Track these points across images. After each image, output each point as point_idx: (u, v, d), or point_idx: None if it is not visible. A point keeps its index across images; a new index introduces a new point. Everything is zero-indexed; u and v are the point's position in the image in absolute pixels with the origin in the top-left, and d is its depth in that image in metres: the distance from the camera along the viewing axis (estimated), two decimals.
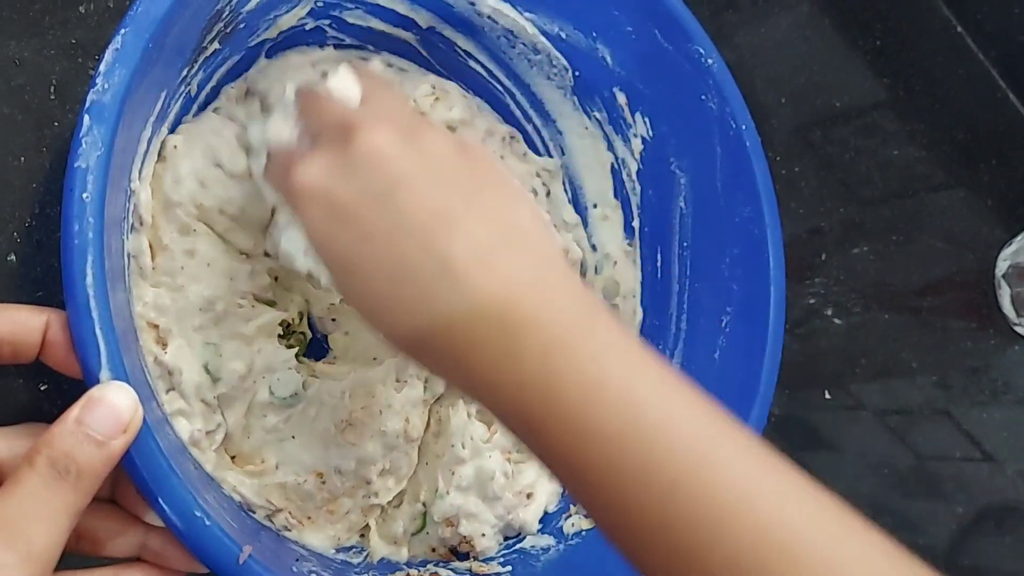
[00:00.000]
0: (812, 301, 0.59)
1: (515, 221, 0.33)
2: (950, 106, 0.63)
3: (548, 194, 0.51)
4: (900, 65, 0.63)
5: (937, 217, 0.63)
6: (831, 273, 0.60)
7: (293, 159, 0.34)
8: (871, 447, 0.61)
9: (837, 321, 0.60)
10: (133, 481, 0.32)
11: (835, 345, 0.60)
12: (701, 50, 0.45)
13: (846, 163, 0.61)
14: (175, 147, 0.40)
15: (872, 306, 0.61)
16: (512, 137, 0.50)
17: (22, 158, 0.40)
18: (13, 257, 0.39)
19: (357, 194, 0.32)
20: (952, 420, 0.62)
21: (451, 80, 0.49)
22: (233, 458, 0.41)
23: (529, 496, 0.46)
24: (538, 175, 0.51)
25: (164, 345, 0.38)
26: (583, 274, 0.52)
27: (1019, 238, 0.62)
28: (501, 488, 0.45)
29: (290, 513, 0.41)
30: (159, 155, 0.40)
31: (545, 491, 0.47)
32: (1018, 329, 0.62)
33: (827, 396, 0.59)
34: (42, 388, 0.39)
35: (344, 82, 0.36)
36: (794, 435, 0.58)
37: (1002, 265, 0.62)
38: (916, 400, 0.62)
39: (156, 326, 0.38)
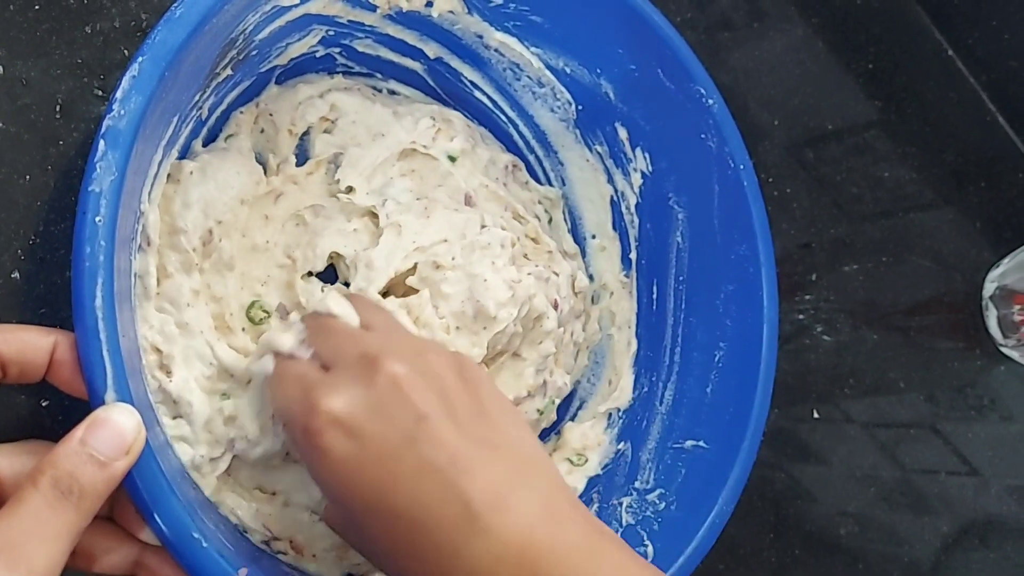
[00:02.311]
0: (802, 318, 0.60)
1: (522, 451, 0.34)
2: (940, 128, 0.64)
3: (550, 221, 0.51)
4: (892, 88, 0.63)
5: (926, 238, 0.63)
6: (821, 291, 0.60)
7: (313, 383, 0.35)
8: (859, 462, 0.61)
9: (826, 338, 0.60)
10: (132, 500, 0.33)
11: (824, 362, 0.60)
12: (702, 90, 0.46)
13: (837, 183, 0.62)
14: (191, 173, 0.41)
15: (861, 325, 0.61)
16: (515, 166, 0.50)
17: (27, 176, 0.40)
18: (17, 274, 0.39)
19: (384, 430, 0.33)
20: (939, 436, 0.63)
21: (456, 109, 0.50)
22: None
23: None
24: (540, 203, 0.51)
25: (168, 372, 0.39)
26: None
27: (1006, 260, 0.63)
28: None
29: (291, 542, 0.41)
30: (172, 177, 0.41)
31: None
32: (1004, 350, 0.63)
33: (815, 415, 0.60)
34: (43, 404, 0.39)
35: (344, 308, 0.38)
36: (784, 449, 0.59)
37: (989, 287, 0.63)
38: (904, 417, 0.62)
39: (159, 351, 0.39)
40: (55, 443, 0.32)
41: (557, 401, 0.49)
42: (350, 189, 0.45)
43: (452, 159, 0.47)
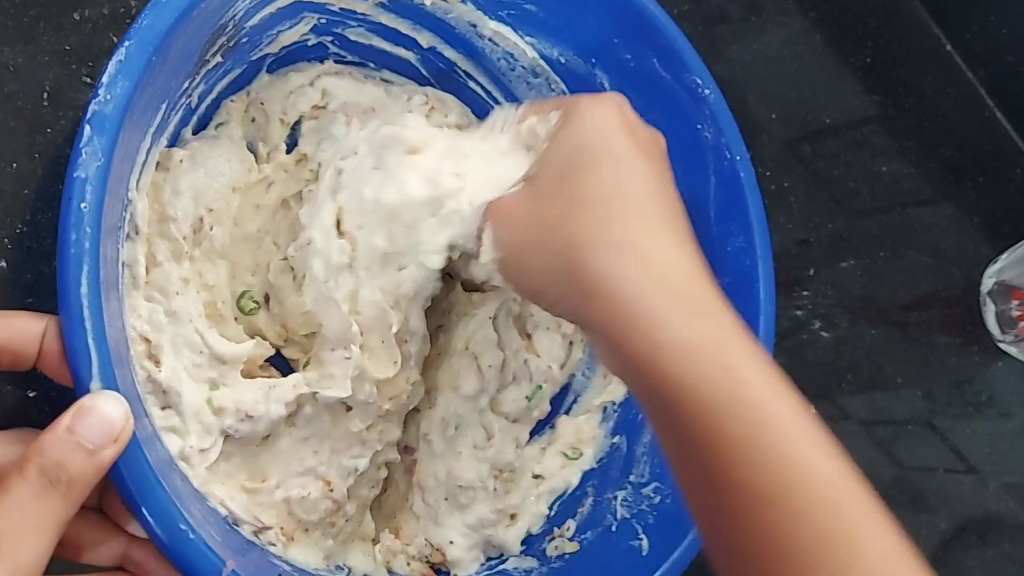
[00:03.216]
0: (799, 313, 0.60)
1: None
2: (938, 123, 0.64)
3: None
4: (890, 82, 0.63)
5: (924, 233, 0.63)
6: (819, 287, 0.60)
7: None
8: (856, 459, 0.60)
9: (824, 334, 0.60)
10: (118, 491, 0.32)
11: (822, 358, 0.60)
12: (698, 80, 0.45)
13: (835, 178, 0.62)
14: (180, 161, 0.40)
15: (859, 320, 0.61)
16: None
17: (14, 164, 0.39)
18: (4, 264, 0.39)
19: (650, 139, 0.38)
20: (936, 433, 0.63)
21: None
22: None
23: (512, 517, 0.46)
24: None
25: (157, 362, 0.38)
26: None
27: (1005, 256, 0.62)
28: (470, 498, 0.45)
29: (281, 529, 0.41)
30: (161, 166, 0.40)
31: (529, 513, 0.47)
32: (1002, 346, 0.62)
33: (813, 411, 0.59)
34: (31, 395, 0.39)
35: None
36: None
37: (987, 282, 0.63)
38: (901, 413, 0.62)
39: (148, 340, 0.38)
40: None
41: (546, 387, 0.48)
42: (303, 156, 0.45)
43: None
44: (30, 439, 0.32)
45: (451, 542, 0.45)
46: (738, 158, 0.45)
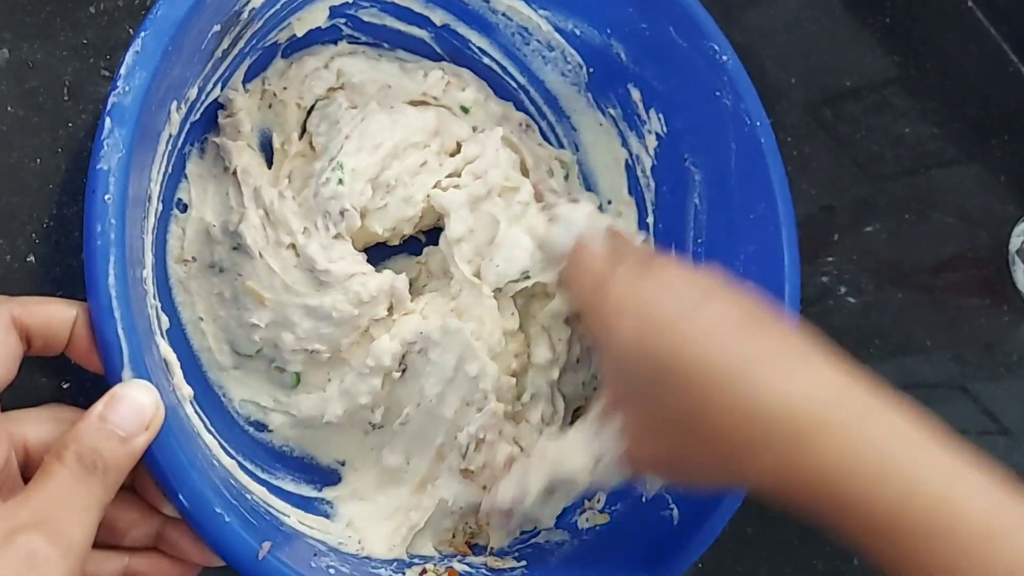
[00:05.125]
0: (825, 280, 0.59)
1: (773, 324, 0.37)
2: (961, 82, 0.63)
3: (566, 177, 0.51)
4: (910, 42, 0.62)
5: (949, 194, 0.63)
6: (844, 252, 0.60)
7: (605, 276, 0.39)
8: None
9: (851, 300, 0.60)
10: (154, 476, 0.33)
11: (849, 324, 0.59)
12: (715, 47, 0.45)
13: (857, 142, 0.61)
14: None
15: (886, 284, 0.61)
16: (528, 126, 0.50)
17: (38, 160, 0.40)
18: (32, 258, 0.40)
19: (665, 306, 0.37)
20: (968, 396, 0.62)
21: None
22: None
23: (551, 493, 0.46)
24: (556, 159, 0.51)
25: None
26: None
27: None
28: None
29: None
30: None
31: None
32: None
33: None
34: (64, 386, 0.40)
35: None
36: None
37: (1015, 241, 0.62)
38: (932, 377, 0.62)
39: None
40: (77, 408, 0.32)
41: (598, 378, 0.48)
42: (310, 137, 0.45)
43: (465, 110, 0.47)
44: (65, 417, 0.33)
45: None
46: (758, 124, 0.45)
